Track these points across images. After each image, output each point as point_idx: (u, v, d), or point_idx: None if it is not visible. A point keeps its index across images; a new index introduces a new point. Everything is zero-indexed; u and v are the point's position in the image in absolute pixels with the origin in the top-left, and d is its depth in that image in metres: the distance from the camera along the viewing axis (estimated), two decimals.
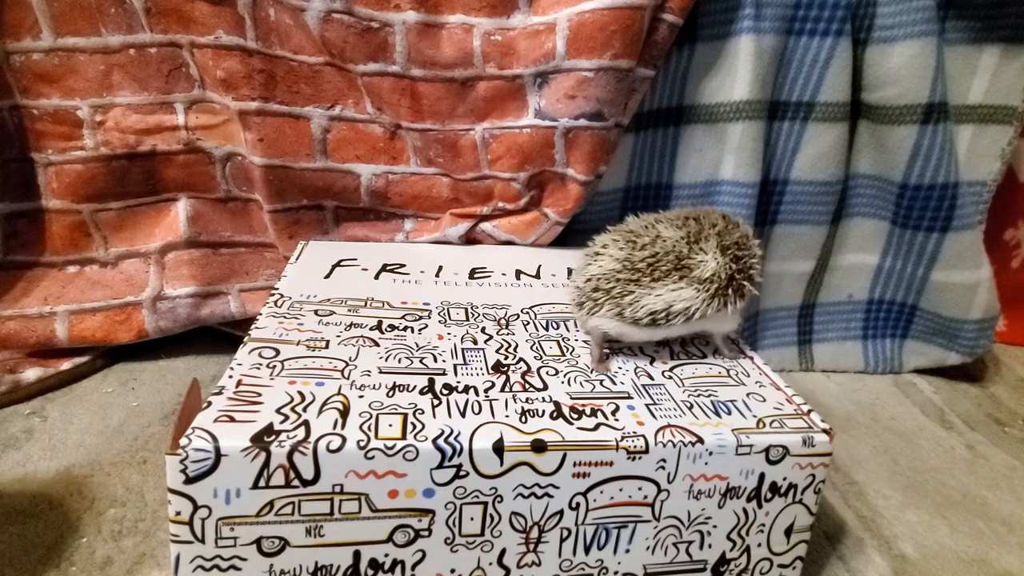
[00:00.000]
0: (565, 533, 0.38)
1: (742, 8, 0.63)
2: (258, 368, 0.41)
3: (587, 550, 0.39)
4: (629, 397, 0.42)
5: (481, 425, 0.37)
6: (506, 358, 0.45)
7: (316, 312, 0.49)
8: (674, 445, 0.38)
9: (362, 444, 0.35)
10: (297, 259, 0.60)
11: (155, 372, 0.67)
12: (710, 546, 0.40)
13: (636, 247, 0.45)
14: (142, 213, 0.66)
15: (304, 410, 0.37)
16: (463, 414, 0.38)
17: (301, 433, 0.35)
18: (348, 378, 0.41)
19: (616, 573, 0.40)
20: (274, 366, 0.41)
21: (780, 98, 0.67)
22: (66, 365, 0.64)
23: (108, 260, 0.66)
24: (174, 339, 0.69)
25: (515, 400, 0.40)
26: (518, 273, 0.62)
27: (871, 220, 0.73)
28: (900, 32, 0.63)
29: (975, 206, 0.70)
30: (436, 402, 0.39)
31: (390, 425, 0.36)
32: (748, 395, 0.43)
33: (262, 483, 0.34)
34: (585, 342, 0.49)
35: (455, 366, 0.44)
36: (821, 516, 0.52)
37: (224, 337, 0.71)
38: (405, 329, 0.48)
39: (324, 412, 0.37)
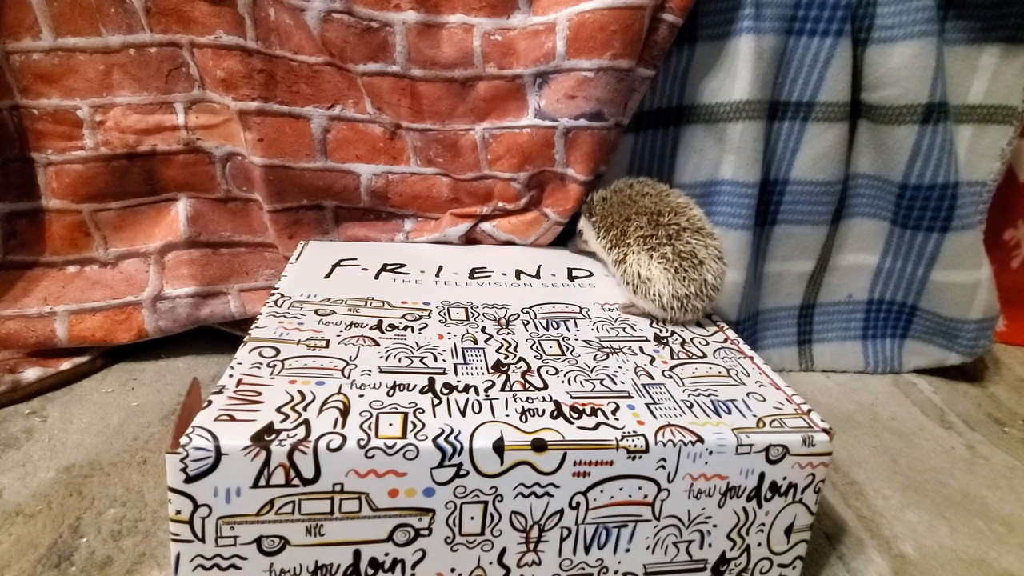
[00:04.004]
0: (565, 532, 0.38)
1: (742, 8, 0.63)
2: (258, 367, 0.41)
3: (587, 549, 0.39)
4: (629, 396, 0.42)
5: (481, 424, 0.37)
6: (506, 357, 0.45)
7: (316, 312, 0.49)
8: (674, 444, 0.38)
9: (362, 443, 0.35)
10: (297, 259, 0.60)
11: (155, 372, 0.67)
12: (710, 545, 0.40)
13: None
14: (142, 213, 0.66)
15: (304, 409, 0.37)
16: (463, 413, 0.38)
17: (301, 432, 0.35)
18: (348, 377, 0.41)
19: (616, 572, 0.40)
20: (274, 365, 0.41)
21: (780, 98, 0.67)
22: (66, 365, 0.64)
23: (108, 260, 0.66)
24: (174, 339, 0.69)
25: (515, 399, 0.40)
26: (518, 273, 0.62)
27: (871, 220, 0.73)
28: (900, 32, 0.63)
29: (975, 206, 0.70)
30: (436, 401, 0.39)
31: (390, 424, 0.36)
32: (748, 395, 0.43)
33: (262, 482, 0.34)
34: (586, 341, 0.49)
35: (455, 365, 0.44)
36: (821, 516, 0.52)
37: (224, 337, 0.71)
38: (405, 328, 0.48)
39: (324, 411, 0.37)
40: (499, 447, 0.36)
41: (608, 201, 0.60)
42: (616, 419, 0.39)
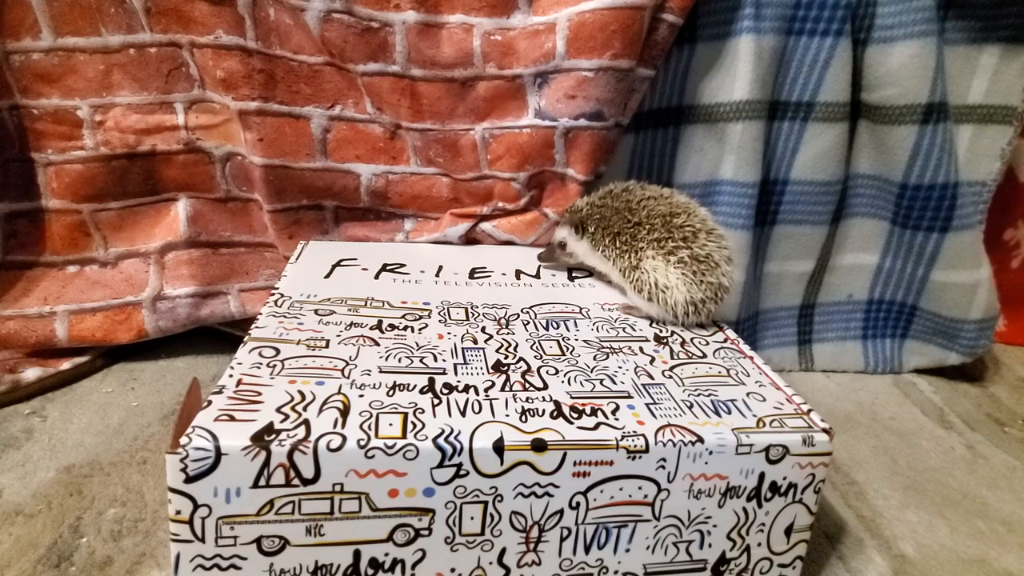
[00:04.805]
0: (565, 532, 0.38)
1: (742, 8, 0.63)
2: (258, 367, 0.41)
3: (587, 549, 0.39)
4: (629, 396, 0.42)
5: (481, 424, 0.37)
6: (506, 357, 0.45)
7: (316, 312, 0.49)
8: (674, 444, 0.38)
9: (362, 443, 0.35)
10: (297, 259, 0.60)
11: (155, 372, 0.67)
12: (710, 545, 0.40)
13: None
14: (142, 213, 0.66)
15: (304, 409, 0.37)
16: (463, 413, 0.38)
17: (301, 432, 0.35)
18: (348, 377, 0.41)
19: (616, 572, 0.40)
20: (274, 365, 0.41)
21: (780, 98, 0.67)
22: (66, 365, 0.64)
23: (108, 260, 0.66)
24: (174, 339, 0.69)
25: (515, 399, 0.40)
26: (518, 273, 0.62)
27: (871, 220, 0.73)
28: (900, 32, 0.63)
29: (975, 206, 0.70)
30: (436, 401, 0.39)
31: (390, 424, 0.36)
32: (748, 395, 0.43)
33: (262, 482, 0.34)
34: (586, 341, 0.49)
35: (455, 365, 0.44)
36: (821, 516, 0.52)
37: (224, 337, 0.71)
38: (405, 328, 0.48)
39: (324, 411, 0.37)
40: (499, 447, 0.36)
41: (606, 208, 0.57)
42: (616, 419, 0.39)
